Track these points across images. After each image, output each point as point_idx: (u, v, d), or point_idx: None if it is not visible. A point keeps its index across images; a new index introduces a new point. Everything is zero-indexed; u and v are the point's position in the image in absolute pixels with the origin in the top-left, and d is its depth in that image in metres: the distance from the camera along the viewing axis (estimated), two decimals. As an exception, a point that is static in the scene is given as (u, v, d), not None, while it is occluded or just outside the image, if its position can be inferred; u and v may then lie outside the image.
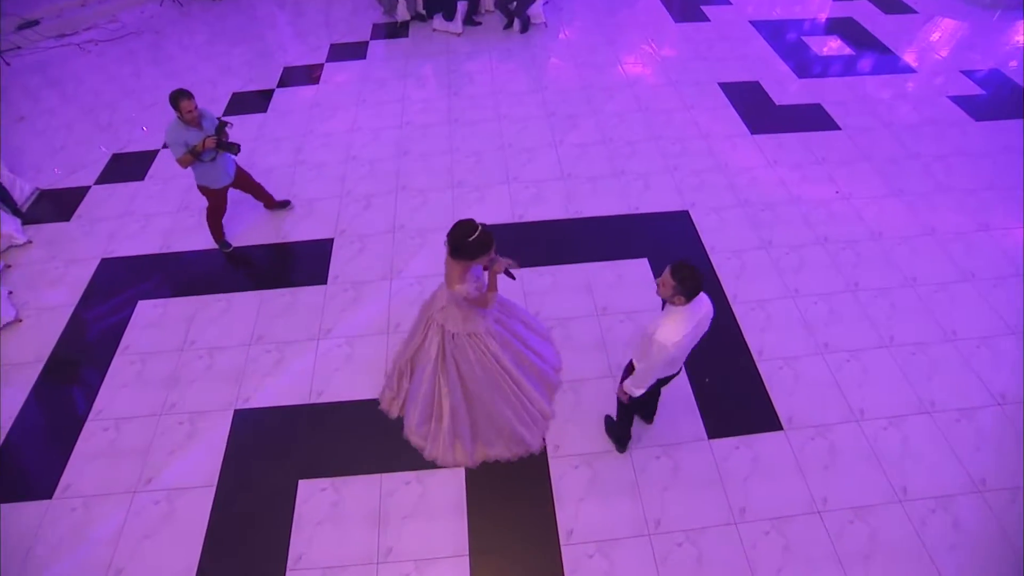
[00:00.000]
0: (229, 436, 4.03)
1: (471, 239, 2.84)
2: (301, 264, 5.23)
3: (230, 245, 5.36)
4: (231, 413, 4.15)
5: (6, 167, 5.83)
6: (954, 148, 6.24)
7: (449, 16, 8.43)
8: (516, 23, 8.57)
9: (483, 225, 2.88)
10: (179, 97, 4.34)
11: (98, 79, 7.88)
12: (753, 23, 8.69)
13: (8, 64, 8.08)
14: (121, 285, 5.10)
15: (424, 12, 8.73)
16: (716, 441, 3.89)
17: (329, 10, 9.41)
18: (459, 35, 8.60)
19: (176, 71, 8.00)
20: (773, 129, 6.59)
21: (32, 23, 8.71)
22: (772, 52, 8.00)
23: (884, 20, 8.60)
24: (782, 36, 8.35)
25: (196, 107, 4.44)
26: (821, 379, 4.23)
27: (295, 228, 5.56)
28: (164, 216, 5.75)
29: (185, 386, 4.32)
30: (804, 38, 8.28)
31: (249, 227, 5.58)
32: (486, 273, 3.22)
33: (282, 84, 7.65)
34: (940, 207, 5.56)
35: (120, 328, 4.74)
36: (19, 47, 8.37)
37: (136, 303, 4.93)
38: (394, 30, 8.80)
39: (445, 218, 5.59)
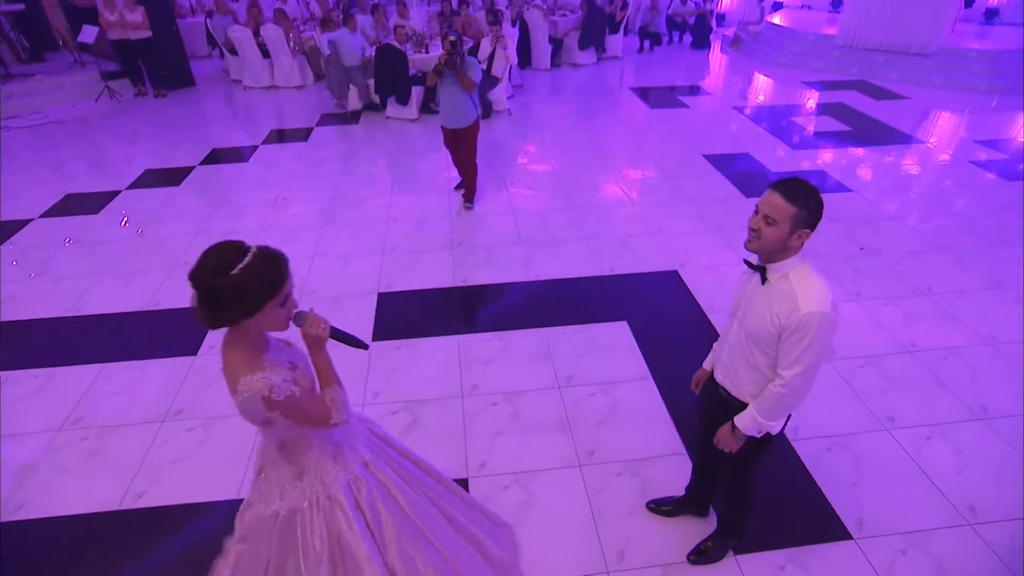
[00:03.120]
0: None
1: (234, 273, 1.50)
2: (173, 332, 4.11)
3: None
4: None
5: None
6: (985, 207, 5.56)
7: (403, 101, 8.20)
8: (478, 110, 8.33)
9: (259, 248, 1.57)
10: None
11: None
12: (736, 108, 8.55)
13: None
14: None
15: (377, 100, 8.54)
16: (748, 558, 2.54)
17: (280, 104, 9.27)
18: (414, 121, 8.33)
19: (88, 152, 7.47)
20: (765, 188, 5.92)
21: None
22: (760, 129, 7.70)
23: (877, 105, 8.48)
24: (770, 117, 8.14)
25: None
26: (895, 463, 2.98)
27: (178, 294, 4.52)
28: None
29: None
30: (794, 119, 8.04)
31: (118, 290, 4.54)
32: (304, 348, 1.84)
33: (205, 162, 7.09)
34: (970, 262, 4.68)
35: None
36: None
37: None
38: (344, 119, 8.54)
39: (369, 283, 4.62)
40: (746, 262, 1.98)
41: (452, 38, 5.13)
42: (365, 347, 1.88)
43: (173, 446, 3.22)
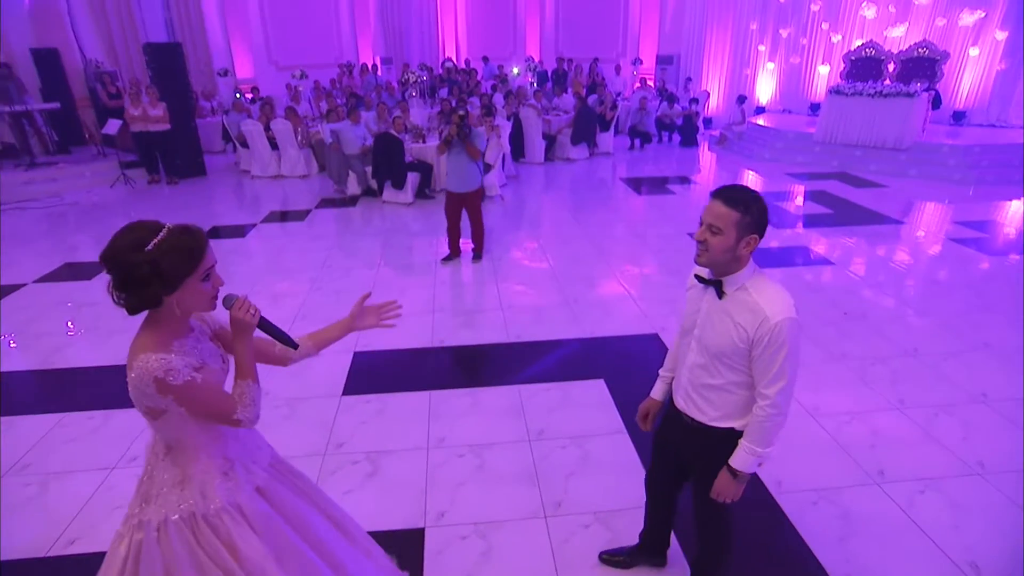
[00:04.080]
0: None
1: (148, 249, 1.43)
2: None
3: None
4: None
5: None
6: (968, 278, 5.52)
7: (398, 185, 8.47)
8: (472, 195, 8.58)
9: (175, 224, 1.50)
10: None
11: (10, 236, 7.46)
12: (720, 195, 8.77)
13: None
14: None
15: (375, 185, 8.83)
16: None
17: (284, 191, 9.60)
18: (409, 205, 8.56)
19: (94, 229, 7.64)
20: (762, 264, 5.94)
21: None
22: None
23: (857, 191, 8.68)
24: (752, 203, 8.32)
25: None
26: (888, 520, 2.73)
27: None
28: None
29: None
30: (778, 203, 8.22)
31: (95, 348, 4.45)
32: (218, 339, 1.74)
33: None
34: (955, 325, 4.57)
35: None
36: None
37: None
38: (343, 203, 8.80)
39: (345, 342, 4.51)
40: (697, 277, 1.89)
41: (461, 112, 5.60)
42: (295, 346, 1.79)
43: (117, 493, 3.00)
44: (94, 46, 12.03)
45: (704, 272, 1.85)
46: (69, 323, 4.93)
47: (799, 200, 8.49)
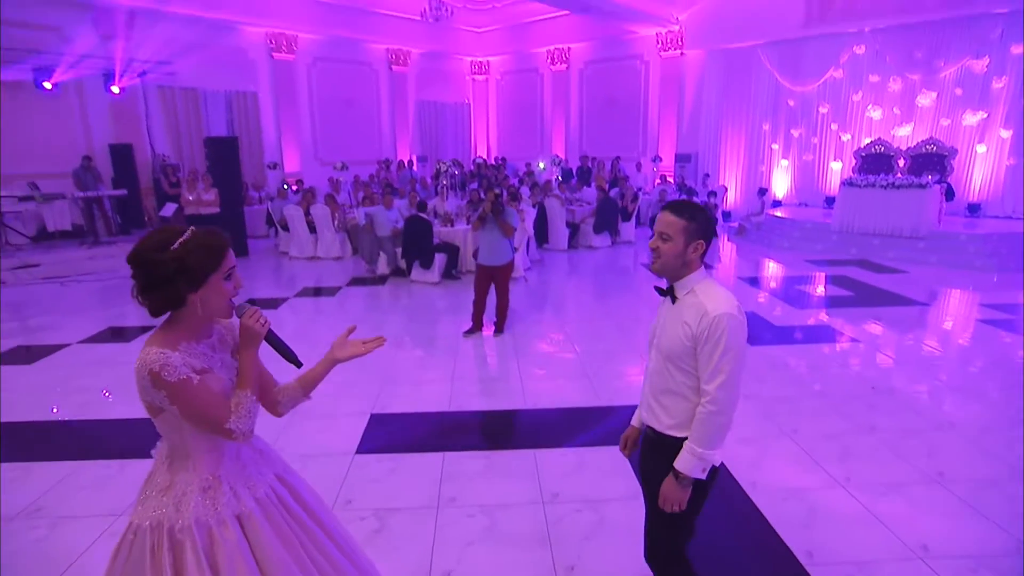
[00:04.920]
0: None
1: (174, 248, 1.46)
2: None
3: None
4: None
5: None
6: (1001, 356, 5.22)
7: (426, 265, 8.61)
8: (496, 276, 8.66)
9: (197, 228, 1.54)
10: None
11: (57, 304, 7.69)
12: (742, 278, 8.68)
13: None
14: None
15: (404, 266, 8.99)
16: None
17: (318, 270, 9.83)
18: (436, 284, 8.65)
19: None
20: (777, 341, 5.77)
21: (32, 265, 9.19)
22: (766, 295, 7.71)
23: (878, 277, 8.50)
24: (776, 286, 8.21)
25: None
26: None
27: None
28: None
29: None
30: (798, 287, 8.08)
31: (124, 403, 4.42)
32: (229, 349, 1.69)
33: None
34: (993, 399, 4.26)
35: None
36: (3, 282, 8.51)
37: None
38: (373, 281, 8.94)
39: (363, 404, 4.42)
40: (656, 289, 2.02)
41: (496, 191, 5.77)
42: (298, 365, 1.74)
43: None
44: (162, 141, 12.95)
45: (663, 285, 1.97)
46: (102, 379, 4.94)
47: (820, 283, 8.34)
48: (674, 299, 1.89)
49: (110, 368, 5.22)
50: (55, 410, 4.41)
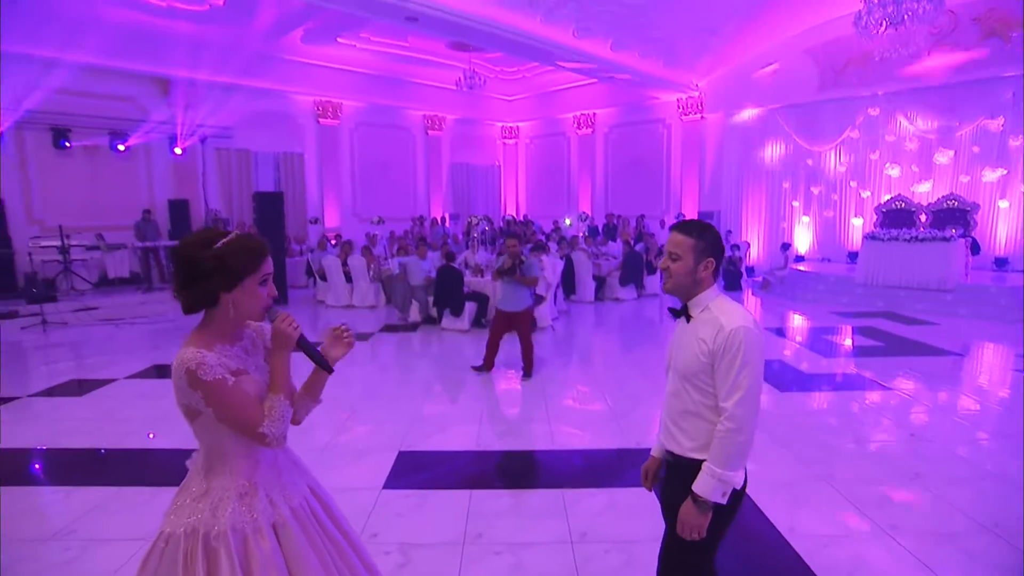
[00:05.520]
0: None
1: (217, 247, 1.46)
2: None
3: None
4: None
5: None
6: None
7: (456, 313, 8.60)
8: (524, 324, 8.59)
9: (240, 232, 1.57)
10: None
11: (110, 344, 7.85)
12: (769, 329, 8.44)
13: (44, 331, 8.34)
14: None
15: (435, 314, 8.99)
16: None
17: (352, 317, 9.89)
18: (465, 332, 8.60)
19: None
20: (808, 388, 5.52)
21: (91, 308, 9.54)
22: (794, 344, 7.46)
23: (907, 328, 8.16)
24: (802, 336, 7.95)
25: None
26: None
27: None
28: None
29: None
30: (825, 337, 7.80)
31: (166, 433, 4.40)
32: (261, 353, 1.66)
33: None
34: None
35: None
36: (66, 323, 8.78)
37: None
38: (404, 328, 8.94)
39: (391, 442, 4.31)
40: (670, 310, 1.95)
41: (515, 243, 6.06)
42: (329, 371, 1.69)
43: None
44: (215, 196, 13.54)
45: (677, 306, 1.91)
46: (143, 411, 4.95)
47: (848, 334, 8.03)
48: (689, 318, 1.83)
49: (152, 401, 5.25)
50: (151, 435, 4.47)
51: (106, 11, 10.12)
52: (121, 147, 11.72)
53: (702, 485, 1.69)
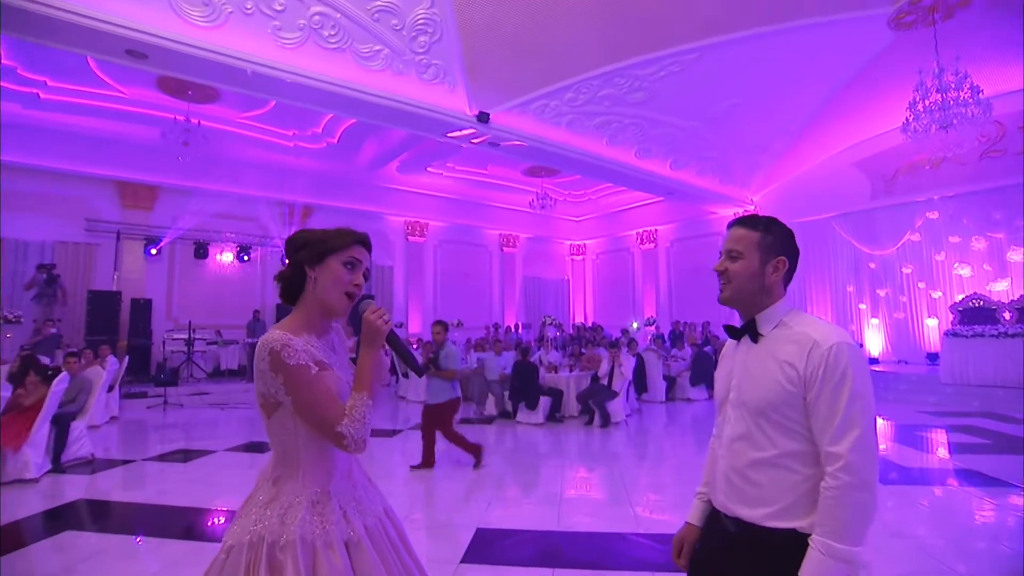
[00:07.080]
0: None
1: (326, 233, 1.48)
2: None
3: None
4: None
5: (85, 424, 5.76)
6: None
7: (531, 406, 8.27)
8: (596, 418, 8.13)
9: None
10: None
11: (216, 423, 8.01)
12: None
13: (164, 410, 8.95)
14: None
15: (510, 408, 8.69)
16: None
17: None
18: (539, 425, 8.21)
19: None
20: (916, 482, 4.72)
21: (203, 393, 10.10)
22: (887, 440, 6.55)
23: (1014, 427, 7.00)
24: (893, 432, 6.99)
25: None
26: None
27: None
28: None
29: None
30: (920, 433, 6.82)
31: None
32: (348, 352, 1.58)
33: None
34: None
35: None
36: (182, 404, 9.28)
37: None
38: (480, 421, 8.67)
39: (471, 519, 3.97)
40: (727, 329, 1.45)
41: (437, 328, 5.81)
42: (420, 373, 1.55)
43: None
44: (317, 304, 14.36)
45: (736, 322, 1.43)
46: (234, 478, 4.92)
47: (945, 432, 6.99)
48: (756, 336, 1.35)
49: (242, 470, 5.35)
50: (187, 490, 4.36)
51: (250, 151, 11.69)
52: (246, 258, 12.94)
53: (813, 568, 1.16)
